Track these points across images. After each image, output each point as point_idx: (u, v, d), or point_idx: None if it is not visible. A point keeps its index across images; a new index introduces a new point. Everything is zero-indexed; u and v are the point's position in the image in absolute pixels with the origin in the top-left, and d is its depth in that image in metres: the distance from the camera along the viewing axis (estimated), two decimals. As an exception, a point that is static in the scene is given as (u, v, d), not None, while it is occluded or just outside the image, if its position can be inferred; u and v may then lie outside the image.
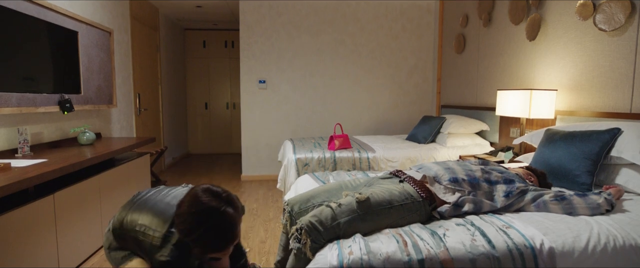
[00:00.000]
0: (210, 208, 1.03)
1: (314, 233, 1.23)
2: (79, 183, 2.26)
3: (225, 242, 1.04)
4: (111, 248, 1.30)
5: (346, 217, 1.27)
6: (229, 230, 1.04)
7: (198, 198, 1.04)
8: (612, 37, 2.23)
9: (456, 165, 1.65)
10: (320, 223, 1.24)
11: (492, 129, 3.45)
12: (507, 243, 1.20)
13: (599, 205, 1.43)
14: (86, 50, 3.00)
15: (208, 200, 1.04)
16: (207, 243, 1.04)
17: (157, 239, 1.10)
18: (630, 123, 1.90)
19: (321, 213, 1.28)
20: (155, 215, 1.14)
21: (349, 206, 1.29)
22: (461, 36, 4.01)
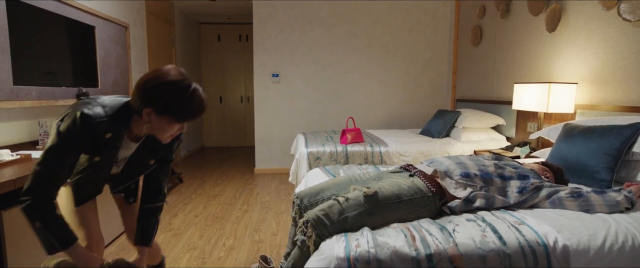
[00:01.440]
0: (189, 81, 1.14)
1: (320, 227, 1.23)
2: (96, 175, 2.32)
3: (197, 112, 1.15)
4: None
5: (353, 211, 1.26)
6: (202, 103, 1.15)
7: (176, 72, 1.13)
8: (638, 28, 2.13)
9: (468, 159, 1.62)
10: (327, 217, 1.24)
11: (508, 123, 3.36)
12: (518, 240, 1.17)
13: (618, 203, 1.37)
14: (103, 45, 3.06)
15: (183, 75, 1.14)
16: (183, 110, 1.12)
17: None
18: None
19: (329, 208, 1.27)
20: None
21: (356, 200, 1.29)
22: (478, 28, 3.92)
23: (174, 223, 2.89)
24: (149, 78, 1.11)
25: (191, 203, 3.41)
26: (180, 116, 1.13)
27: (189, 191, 3.82)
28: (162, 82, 1.10)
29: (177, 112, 1.12)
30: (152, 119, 1.12)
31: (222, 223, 2.90)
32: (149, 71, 1.15)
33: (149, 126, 1.15)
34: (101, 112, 1.10)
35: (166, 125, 1.14)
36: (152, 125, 1.15)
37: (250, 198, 3.58)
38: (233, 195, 3.66)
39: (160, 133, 1.17)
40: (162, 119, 1.12)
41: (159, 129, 1.16)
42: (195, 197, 3.62)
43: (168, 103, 1.10)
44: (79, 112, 1.06)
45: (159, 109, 1.11)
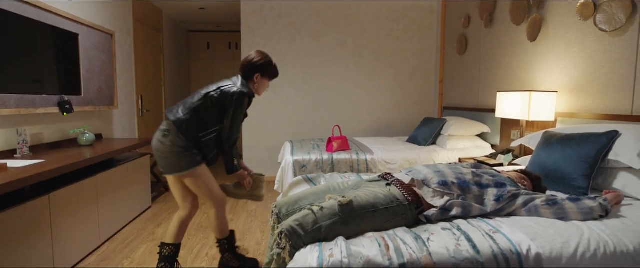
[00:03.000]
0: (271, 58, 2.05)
1: (294, 237, 1.22)
2: (76, 184, 2.29)
3: (278, 73, 2.08)
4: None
5: (328, 221, 1.25)
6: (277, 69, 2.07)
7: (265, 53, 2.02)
8: (613, 38, 2.18)
9: (446, 168, 1.63)
10: (301, 227, 1.23)
11: (493, 131, 3.40)
12: (492, 249, 1.17)
13: (591, 210, 1.39)
14: (87, 52, 3.04)
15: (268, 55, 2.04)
16: (275, 70, 2.05)
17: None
18: (630, 125, 1.86)
19: (303, 218, 1.26)
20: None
21: (331, 209, 1.28)
22: (463, 37, 3.97)
23: (157, 233, 2.85)
24: (254, 58, 1.98)
25: (176, 212, 3.36)
26: (272, 75, 2.04)
27: (174, 200, 3.77)
28: (263, 58, 1.99)
29: (271, 73, 2.03)
30: (258, 80, 1.99)
31: (206, 232, 2.86)
32: (252, 54, 2.00)
33: (256, 85, 2.00)
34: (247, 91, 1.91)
35: (266, 83, 2.04)
36: (258, 85, 2.01)
37: (237, 206, 3.55)
38: (219, 204, 3.62)
39: (262, 89, 2.04)
40: (264, 79, 2.01)
41: (262, 86, 2.03)
42: (181, 206, 3.57)
43: (268, 69, 2.00)
44: (239, 90, 1.88)
45: (263, 73, 1.99)
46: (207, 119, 1.84)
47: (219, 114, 1.86)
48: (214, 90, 1.87)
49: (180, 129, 1.80)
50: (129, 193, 3.03)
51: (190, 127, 1.81)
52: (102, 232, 2.59)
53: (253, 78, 1.96)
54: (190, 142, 1.81)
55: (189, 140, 1.81)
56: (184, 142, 1.80)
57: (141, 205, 3.29)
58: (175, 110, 1.87)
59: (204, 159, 1.88)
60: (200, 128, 1.83)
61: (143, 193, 3.34)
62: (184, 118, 1.82)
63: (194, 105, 1.84)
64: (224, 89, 1.86)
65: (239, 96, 1.83)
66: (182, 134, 1.80)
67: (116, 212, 2.80)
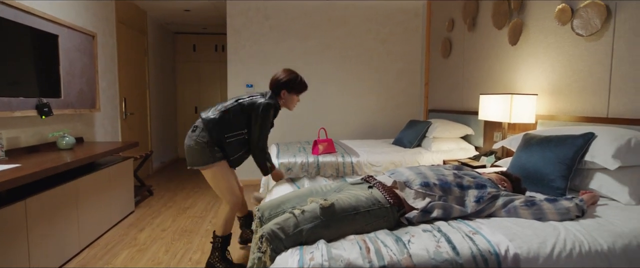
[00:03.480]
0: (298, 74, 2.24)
1: (276, 241, 1.21)
2: (54, 189, 2.23)
3: (306, 88, 2.24)
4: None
5: (309, 224, 1.25)
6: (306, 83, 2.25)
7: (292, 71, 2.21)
8: (589, 42, 2.24)
9: (428, 170, 1.65)
10: (282, 231, 1.23)
11: (477, 133, 3.45)
12: (471, 250, 1.18)
13: (568, 211, 1.42)
14: (67, 54, 2.98)
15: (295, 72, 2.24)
16: (302, 85, 2.20)
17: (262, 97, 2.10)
18: (606, 127, 1.91)
19: (284, 221, 1.26)
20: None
21: (312, 213, 1.28)
22: (447, 40, 4.03)
23: (139, 238, 2.80)
24: (279, 76, 2.16)
25: (160, 216, 3.32)
26: (298, 91, 2.19)
27: (158, 204, 3.71)
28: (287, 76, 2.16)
29: (297, 89, 2.18)
30: (285, 96, 2.16)
31: (190, 237, 2.82)
32: (279, 72, 2.20)
33: (283, 101, 2.17)
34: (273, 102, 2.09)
35: (294, 98, 2.20)
36: (285, 100, 2.17)
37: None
38: (204, 208, 3.59)
39: (290, 103, 2.20)
40: (291, 94, 2.17)
41: (290, 101, 2.20)
42: (165, 210, 3.52)
43: (293, 85, 2.15)
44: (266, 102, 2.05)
45: (289, 89, 2.15)
46: (234, 122, 2.01)
47: (246, 120, 2.04)
48: (246, 98, 2.07)
49: (207, 127, 1.99)
50: (110, 198, 2.97)
51: (216, 127, 1.99)
52: (82, 237, 2.53)
53: (280, 94, 2.13)
54: (214, 141, 1.98)
55: (213, 139, 1.98)
56: (207, 139, 1.98)
57: (123, 209, 3.23)
58: (208, 110, 2.07)
59: (226, 158, 2.05)
60: (226, 129, 2.01)
61: (126, 198, 3.28)
62: (213, 118, 2.00)
63: (225, 108, 2.04)
64: (253, 99, 2.05)
65: (265, 107, 2.01)
66: (208, 131, 1.98)
67: (97, 217, 2.74)
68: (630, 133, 1.74)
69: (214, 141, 1.99)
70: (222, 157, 2.02)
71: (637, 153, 1.66)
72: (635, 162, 1.64)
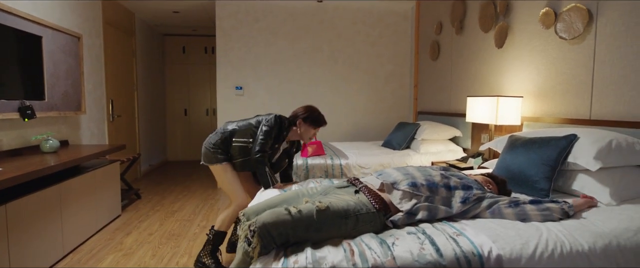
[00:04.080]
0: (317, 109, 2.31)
1: (267, 238, 1.19)
2: (36, 193, 2.19)
3: (324, 122, 2.28)
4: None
5: (303, 226, 1.24)
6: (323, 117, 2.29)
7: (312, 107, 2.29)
8: (572, 46, 2.28)
9: (416, 170, 1.65)
10: (276, 229, 1.21)
11: (464, 135, 3.48)
12: (455, 251, 1.19)
13: (551, 212, 1.44)
14: (51, 56, 2.93)
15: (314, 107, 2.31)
16: (319, 119, 2.25)
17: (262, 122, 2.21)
18: (588, 129, 1.94)
19: (278, 218, 1.23)
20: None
21: (308, 214, 1.26)
22: (436, 43, 4.07)
23: (125, 242, 2.75)
24: (298, 112, 2.26)
25: (147, 220, 3.27)
26: (313, 123, 2.24)
27: (146, 208, 3.66)
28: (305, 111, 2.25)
29: (312, 121, 2.23)
30: (301, 125, 2.23)
31: (177, 240, 2.79)
32: (298, 108, 2.28)
33: (300, 130, 2.24)
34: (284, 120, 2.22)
35: (308, 130, 2.24)
36: (302, 130, 2.24)
37: (211, 213, 3.48)
38: (193, 211, 3.55)
39: (305, 134, 2.25)
40: (305, 125, 2.23)
41: (305, 131, 2.24)
42: (153, 213, 3.47)
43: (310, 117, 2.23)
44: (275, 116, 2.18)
45: (304, 119, 2.22)
46: (244, 131, 2.20)
47: (255, 133, 2.19)
48: (266, 114, 2.24)
49: (222, 132, 2.23)
50: (96, 202, 2.92)
51: (229, 134, 2.21)
52: (66, 242, 2.48)
53: (296, 123, 2.23)
54: (222, 143, 2.21)
55: (223, 142, 2.21)
56: (215, 141, 2.21)
57: (110, 213, 3.18)
58: (236, 120, 2.32)
59: (228, 160, 2.22)
60: (237, 135, 2.21)
61: (112, 201, 3.23)
62: (231, 126, 2.24)
63: (245, 119, 2.27)
64: (268, 115, 2.21)
65: (271, 120, 2.15)
66: (220, 134, 2.22)
67: (82, 221, 2.70)
68: (612, 134, 1.77)
69: (222, 144, 2.20)
70: (224, 160, 2.20)
71: (617, 154, 1.69)
72: (616, 163, 1.67)
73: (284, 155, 2.34)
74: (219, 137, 2.22)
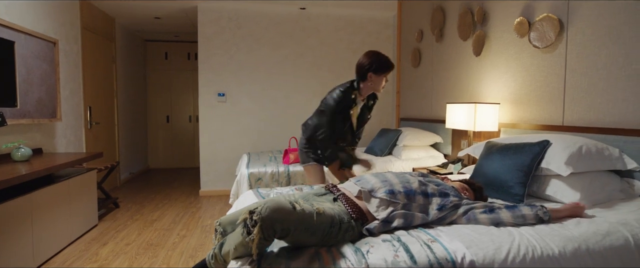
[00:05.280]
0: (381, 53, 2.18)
1: (269, 231, 1.15)
2: (5, 203, 2.10)
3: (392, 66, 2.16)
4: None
5: (303, 226, 1.21)
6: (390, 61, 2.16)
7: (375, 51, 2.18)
8: (545, 54, 2.35)
9: (394, 177, 1.66)
10: (280, 223, 1.16)
11: (445, 141, 3.53)
12: (428, 258, 1.19)
13: (524, 217, 1.46)
14: (25, 61, 2.85)
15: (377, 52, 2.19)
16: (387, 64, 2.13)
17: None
18: (560, 135, 1.99)
19: (283, 210, 1.18)
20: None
21: (309, 214, 1.25)
22: (417, 51, 4.13)
23: (101, 253, 2.67)
24: (364, 61, 2.13)
25: (125, 230, 3.19)
26: (383, 70, 2.12)
27: (124, 217, 3.57)
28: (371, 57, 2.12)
29: (382, 69, 2.11)
30: (373, 79, 2.12)
31: (155, 250, 2.73)
32: (361, 57, 2.15)
33: (371, 84, 2.13)
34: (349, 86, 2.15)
35: (380, 80, 2.13)
36: (373, 83, 2.13)
37: (191, 222, 3.42)
38: (172, 220, 3.48)
39: (378, 86, 2.15)
40: (377, 76, 2.11)
41: (377, 83, 2.14)
42: (131, 223, 3.39)
43: (378, 65, 2.10)
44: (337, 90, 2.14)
45: (375, 70, 2.10)
46: (319, 120, 2.17)
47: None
48: (328, 92, 2.20)
49: (303, 131, 2.28)
50: (70, 212, 2.83)
51: (308, 129, 2.23)
52: (38, 254, 2.40)
53: (367, 77, 2.12)
54: (309, 142, 2.23)
55: (308, 140, 2.23)
56: (304, 141, 2.27)
57: (85, 223, 3.09)
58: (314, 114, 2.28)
59: (318, 159, 2.24)
60: (316, 129, 2.18)
61: (88, 211, 3.14)
62: (307, 122, 2.26)
63: (316, 111, 2.24)
64: (331, 92, 2.16)
65: (333, 94, 2.12)
66: (304, 135, 2.26)
67: (55, 232, 2.61)
68: (582, 140, 1.82)
69: (308, 143, 2.24)
70: (314, 160, 2.24)
71: (587, 160, 1.73)
72: (586, 168, 1.72)
73: (366, 111, 2.31)
74: (305, 135, 2.25)
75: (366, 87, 2.15)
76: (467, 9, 3.13)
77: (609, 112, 1.95)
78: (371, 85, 2.14)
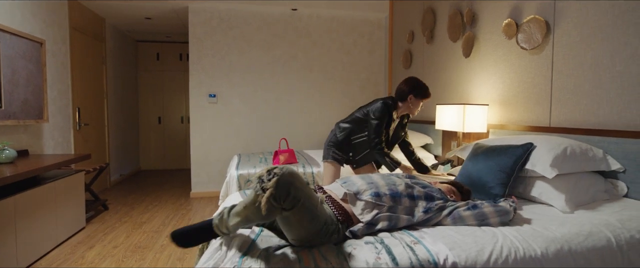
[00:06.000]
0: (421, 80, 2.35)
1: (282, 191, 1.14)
2: (-14, 206, 2.07)
3: (429, 94, 2.32)
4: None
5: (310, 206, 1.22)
6: (428, 89, 2.32)
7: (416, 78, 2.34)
8: (532, 55, 2.36)
9: (380, 179, 1.65)
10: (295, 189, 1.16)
11: (435, 142, 3.54)
12: (411, 260, 1.19)
13: (507, 212, 1.48)
14: (10, 62, 2.81)
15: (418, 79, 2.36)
16: (426, 91, 2.30)
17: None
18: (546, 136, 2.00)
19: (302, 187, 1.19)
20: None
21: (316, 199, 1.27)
22: (408, 52, 4.13)
23: (87, 256, 2.64)
24: (404, 87, 2.31)
25: (113, 232, 3.15)
26: (423, 96, 2.30)
27: (113, 219, 3.53)
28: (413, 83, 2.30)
29: (423, 94, 2.30)
30: (412, 101, 2.30)
31: (143, 253, 2.70)
32: (401, 84, 2.33)
33: (409, 106, 2.32)
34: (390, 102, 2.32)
35: (418, 103, 2.32)
36: (411, 104, 2.31)
37: (181, 224, 3.39)
38: (162, 222, 3.45)
39: (414, 109, 2.33)
40: (416, 100, 2.30)
41: (414, 105, 2.32)
42: (119, 225, 3.35)
43: (419, 91, 2.29)
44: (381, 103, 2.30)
45: (416, 94, 2.29)
46: (359, 127, 2.38)
47: (365, 126, 2.37)
48: (366, 105, 2.38)
49: (340, 131, 2.42)
50: (57, 214, 2.79)
51: (343, 131, 2.41)
52: (21, 257, 2.36)
53: (407, 98, 2.31)
54: (339, 143, 2.42)
55: (338, 141, 2.42)
56: (333, 140, 2.44)
57: (72, 226, 3.05)
58: (345, 117, 2.48)
59: (346, 158, 2.44)
60: (353, 133, 2.40)
61: (75, 213, 3.10)
62: (343, 124, 2.43)
63: (353, 115, 2.42)
64: (373, 104, 2.34)
65: (378, 108, 2.28)
66: (336, 134, 2.43)
67: (40, 235, 2.57)
68: (567, 142, 1.83)
69: (338, 143, 2.41)
70: (336, 158, 2.41)
71: (572, 161, 1.74)
72: (570, 170, 1.73)
73: (400, 129, 2.46)
74: (336, 136, 2.42)
75: (404, 107, 2.35)
76: (456, 10, 3.14)
77: (594, 113, 1.96)
78: (409, 107, 2.33)
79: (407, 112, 2.37)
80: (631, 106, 1.78)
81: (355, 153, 2.43)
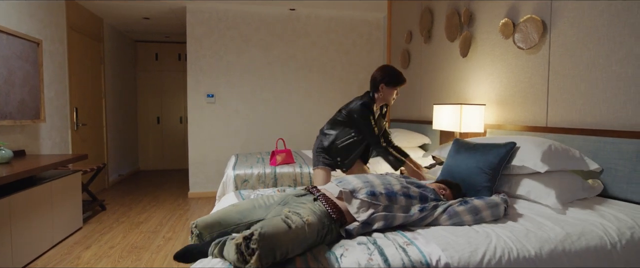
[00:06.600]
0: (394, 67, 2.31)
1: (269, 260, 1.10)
2: (-19, 207, 2.06)
3: (403, 80, 2.28)
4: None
5: (299, 240, 1.19)
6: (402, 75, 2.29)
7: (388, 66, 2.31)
8: (529, 55, 2.35)
9: (376, 178, 1.64)
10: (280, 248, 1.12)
11: (433, 142, 3.53)
12: (403, 261, 1.18)
13: (497, 204, 1.51)
14: (6, 62, 2.80)
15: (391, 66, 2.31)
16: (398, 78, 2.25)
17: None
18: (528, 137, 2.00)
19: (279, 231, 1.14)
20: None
21: (302, 227, 1.21)
22: (406, 52, 4.13)
23: (83, 257, 2.63)
24: (376, 75, 2.26)
25: (110, 232, 3.15)
26: (395, 84, 2.24)
27: (110, 220, 3.53)
28: (381, 73, 2.25)
29: (395, 81, 2.24)
30: (384, 90, 2.24)
31: (139, 253, 2.69)
32: (375, 71, 2.28)
33: (383, 95, 2.26)
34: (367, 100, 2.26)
35: (391, 92, 2.26)
36: (384, 94, 2.25)
37: (178, 224, 3.39)
38: (159, 222, 3.44)
39: (389, 98, 2.28)
40: (388, 88, 2.24)
41: (388, 94, 2.26)
42: (117, 225, 3.35)
43: (390, 79, 2.23)
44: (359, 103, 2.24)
45: (387, 83, 2.23)
46: (342, 128, 2.33)
47: (352, 123, 2.30)
48: (344, 106, 2.34)
49: (324, 135, 2.38)
50: (53, 214, 2.79)
51: (328, 137, 2.35)
52: (17, 257, 2.35)
53: (379, 88, 2.25)
54: (325, 148, 2.35)
55: (325, 146, 2.35)
56: (320, 145, 2.38)
57: (69, 226, 3.04)
58: (327, 123, 2.43)
59: (334, 163, 2.36)
60: (338, 137, 2.33)
61: (72, 214, 3.09)
62: (327, 130, 2.38)
63: (334, 119, 2.37)
64: (350, 105, 2.29)
65: (359, 109, 2.23)
66: (321, 139, 2.39)
67: (36, 235, 2.56)
68: (549, 140, 1.85)
69: (326, 149, 2.35)
70: (327, 163, 2.34)
71: (557, 159, 1.75)
72: (557, 167, 1.73)
73: (381, 119, 2.39)
74: (322, 142, 2.36)
75: (379, 98, 2.29)
76: (454, 10, 3.13)
77: (590, 113, 1.96)
78: (382, 97, 2.27)
79: (384, 102, 2.31)
80: (627, 106, 1.78)
81: (343, 157, 2.36)
